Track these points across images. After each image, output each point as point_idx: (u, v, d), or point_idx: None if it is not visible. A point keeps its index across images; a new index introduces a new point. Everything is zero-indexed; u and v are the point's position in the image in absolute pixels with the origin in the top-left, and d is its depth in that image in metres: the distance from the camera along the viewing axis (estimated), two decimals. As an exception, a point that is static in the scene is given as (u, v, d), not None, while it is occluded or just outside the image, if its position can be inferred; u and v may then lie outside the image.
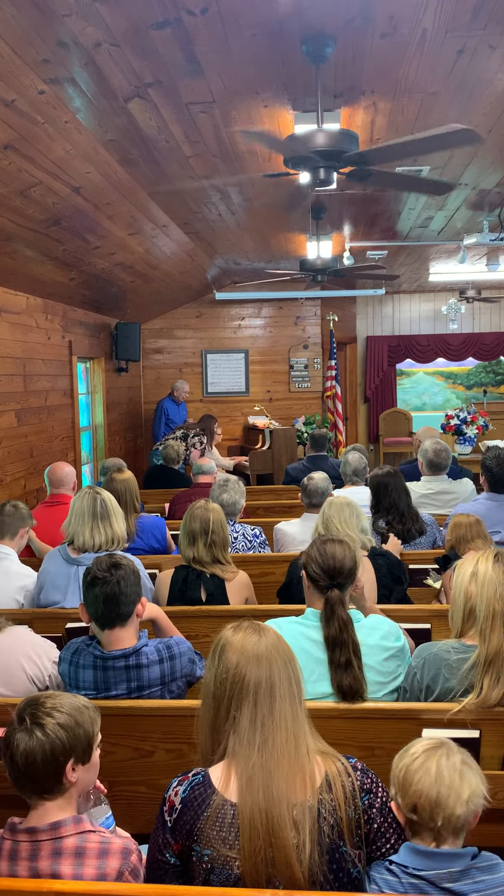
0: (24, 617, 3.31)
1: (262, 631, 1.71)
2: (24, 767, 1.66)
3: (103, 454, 8.52)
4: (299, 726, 1.63)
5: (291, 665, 1.68)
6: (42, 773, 1.67)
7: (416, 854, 1.57)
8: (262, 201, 5.91)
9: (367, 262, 8.74)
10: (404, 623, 3.07)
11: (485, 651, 2.25)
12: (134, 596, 2.46)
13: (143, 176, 4.94)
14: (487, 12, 3.02)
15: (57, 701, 1.75)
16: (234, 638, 1.69)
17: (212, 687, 1.67)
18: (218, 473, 5.44)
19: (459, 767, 1.59)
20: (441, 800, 1.56)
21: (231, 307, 10.58)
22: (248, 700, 1.61)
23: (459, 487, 4.99)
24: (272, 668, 1.64)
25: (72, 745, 1.70)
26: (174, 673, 2.50)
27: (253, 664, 1.63)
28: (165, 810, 1.61)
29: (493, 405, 12.19)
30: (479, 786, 1.59)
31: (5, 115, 3.44)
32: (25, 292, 6.14)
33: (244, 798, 1.54)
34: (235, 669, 1.63)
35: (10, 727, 1.72)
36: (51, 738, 1.67)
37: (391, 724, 2.32)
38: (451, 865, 1.54)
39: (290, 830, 1.51)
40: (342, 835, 1.56)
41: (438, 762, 1.59)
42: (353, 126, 4.30)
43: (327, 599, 2.40)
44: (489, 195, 6.03)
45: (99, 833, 1.68)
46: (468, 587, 2.32)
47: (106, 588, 2.40)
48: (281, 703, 1.62)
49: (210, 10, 2.90)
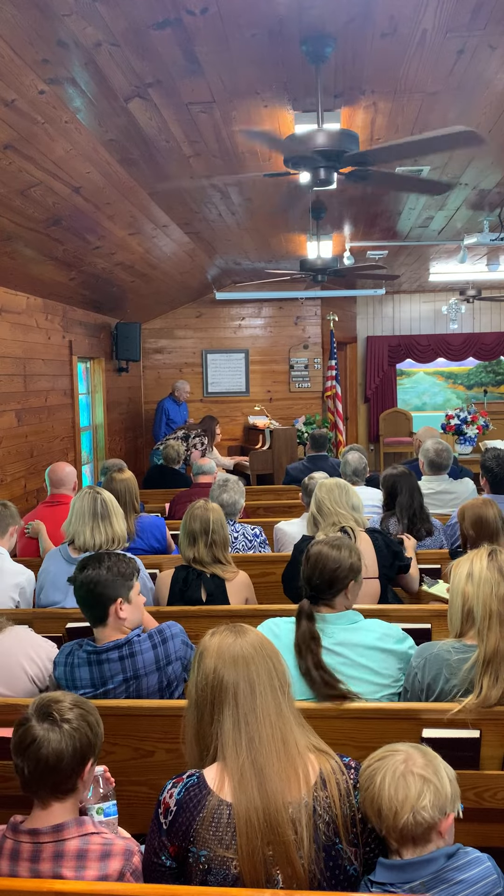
0: (25, 617, 3.31)
1: (239, 632, 1.71)
2: (55, 763, 1.64)
3: (103, 454, 8.52)
4: (285, 721, 1.63)
5: (273, 660, 1.68)
6: (70, 770, 1.66)
7: (386, 868, 1.54)
8: (263, 201, 5.91)
9: (367, 262, 8.74)
10: (404, 623, 3.07)
11: (483, 651, 2.25)
12: (102, 598, 2.45)
13: (143, 176, 4.94)
14: (487, 12, 3.02)
15: (72, 698, 1.75)
16: (210, 643, 1.70)
17: (194, 695, 1.67)
18: (218, 473, 5.44)
19: (404, 775, 1.54)
20: (383, 811, 1.53)
21: (231, 307, 10.58)
22: (229, 702, 1.61)
23: (460, 487, 4.99)
24: (250, 666, 1.64)
25: (94, 741, 1.71)
26: (168, 656, 2.52)
27: (230, 666, 1.64)
28: (160, 812, 1.61)
29: (493, 405, 12.18)
30: (426, 795, 1.52)
31: (5, 115, 3.44)
32: (25, 292, 6.14)
33: (238, 797, 1.54)
34: (213, 674, 1.64)
35: (25, 726, 1.69)
36: (81, 733, 1.67)
37: (391, 724, 2.31)
38: (420, 874, 1.51)
39: (287, 826, 1.51)
40: (338, 832, 1.56)
41: (384, 772, 1.55)
42: (353, 126, 4.30)
43: (300, 608, 2.45)
44: (489, 195, 6.03)
45: (101, 835, 1.68)
46: (465, 588, 2.32)
47: (77, 591, 2.49)
48: (262, 700, 1.62)
49: (210, 10, 2.90)
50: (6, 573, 3.54)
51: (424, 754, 1.60)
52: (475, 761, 2.27)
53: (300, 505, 4.55)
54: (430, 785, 1.53)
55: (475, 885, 1.49)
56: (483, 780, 2.23)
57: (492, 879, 1.51)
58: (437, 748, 1.70)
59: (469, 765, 2.26)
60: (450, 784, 1.57)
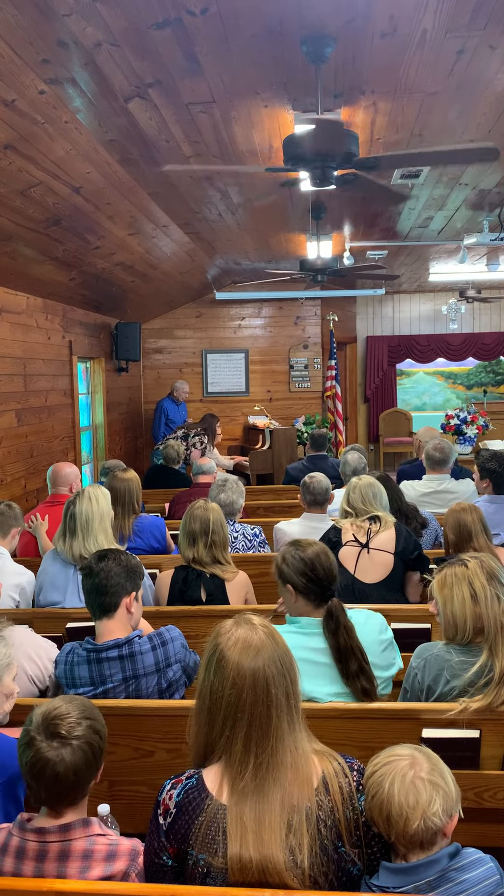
0: (24, 617, 3.31)
1: (256, 639, 1.61)
2: (73, 781, 1.63)
3: (103, 454, 8.52)
4: (297, 738, 1.59)
5: (290, 674, 1.62)
6: (86, 782, 1.67)
7: (390, 872, 1.53)
8: (263, 202, 5.90)
9: (367, 262, 8.74)
10: (404, 623, 3.07)
11: (499, 665, 2.26)
12: (118, 588, 2.49)
13: (143, 176, 4.93)
14: (487, 12, 3.02)
15: (74, 707, 1.71)
16: (231, 653, 1.60)
17: (207, 701, 1.60)
18: (217, 473, 5.44)
19: (414, 781, 1.53)
20: (392, 817, 1.51)
21: (231, 307, 10.58)
22: (243, 722, 1.55)
23: (460, 487, 4.99)
24: (270, 689, 1.56)
25: (103, 747, 1.71)
26: (168, 658, 2.52)
27: (249, 686, 1.56)
28: (160, 813, 1.59)
29: (493, 405, 12.19)
30: (436, 801, 1.51)
31: (5, 115, 3.44)
32: (25, 292, 6.13)
33: (233, 845, 1.49)
34: (231, 689, 1.56)
35: (34, 749, 1.65)
36: (91, 746, 1.67)
37: (391, 724, 2.32)
38: (426, 875, 1.50)
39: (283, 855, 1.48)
40: (340, 836, 1.55)
41: (391, 778, 1.54)
42: (353, 126, 4.30)
43: (329, 611, 2.39)
44: (489, 195, 6.03)
45: (107, 836, 1.67)
46: (474, 610, 2.32)
47: (92, 578, 2.50)
48: (277, 721, 1.57)
49: (210, 10, 2.90)
50: (7, 573, 3.54)
51: (429, 758, 1.59)
52: (475, 761, 2.27)
53: (300, 505, 4.55)
54: (440, 790, 1.53)
55: (478, 885, 1.49)
56: (483, 780, 2.23)
57: (495, 880, 1.51)
58: (437, 748, 1.70)
59: (469, 765, 2.26)
60: (453, 786, 1.57)
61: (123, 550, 2.64)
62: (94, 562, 2.54)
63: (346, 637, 2.35)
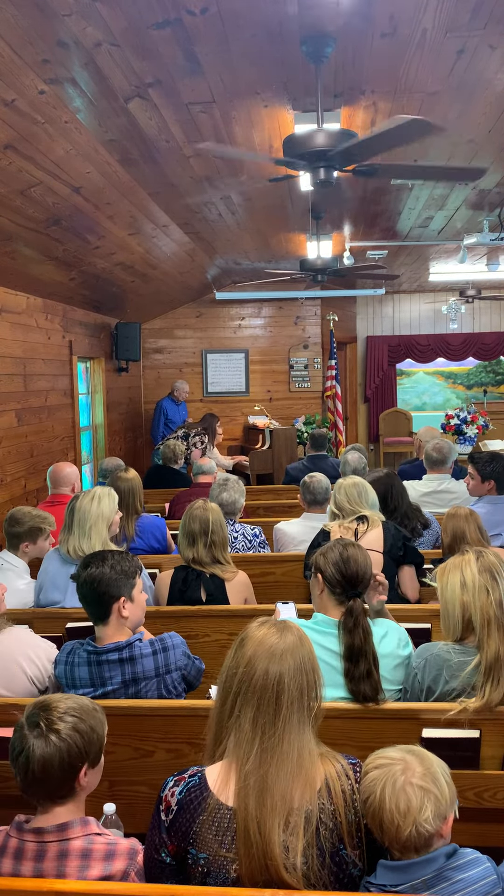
0: (24, 617, 3.31)
1: (284, 631, 1.65)
2: (41, 774, 1.62)
3: (103, 454, 8.52)
4: (305, 738, 1.58)
5: (309, 676, 1.62)
6: (59, 779, 1.64)
7: (388, 870, 1.53)
8: (262, 202, 5.90)
9: (367, 262, 8.74)
10: (404, 623, 3.07)
11: (485, 658, 2.26)
12: (104, 596, 2.44)
13: (143, 176, 4.93)
14: (487, 12, 3.02)
15: (69, 704, 1.71)
16: (256, 632, 1.65)
17: (224, 678, 1.64)
18: (217, 473, 5.44)
19: (404, 787, 1.51)
20: (385, 824, 1.51)
21: (231, 307, 10.58)
22: (252, 701, 1.57)
23: (460, 488, 4.99)
24: (282, 671, 1.58)
25: (87, 749, 1.68)
26: (168, 665, 2.50)
27: (263, 662, 1.59)
28: (162, 809, 1.60)
29: (493, 405, 12.19)
30: (427, 808, 1.50)
31: (5, 115, 3.44)
32: (25, 292, 6.13)
33: (240, 805, 1.52)
34: (247, 666, 1.60)
35: (19, 733, 1.67)
36: (68, 744, 1.64)
37: (391, 724, 2.32)
38: (422, 873, 1.50)
39: (279, 847, 1.48)
40: (342, 839, 1.54)
41: (383, 784, 1.53)
42: (353, 126, 4.30)
43: (350, 609, 2.38)
44: (489, 195, 6.03)
45: (105, 835, 1.67)
46: (462, 598, 2.32)
47: (80, 589, 2.49)
48: (287, 713, 1.57)
49: (210, 10, 2.90)
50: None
51: (422, 761, 1.57)
52: (475, 761, 2.27)
53: (300, 505, 4.55)
54: (431, 795, 1.51)
55: (475, 884, 1.49)
56: (483, 780, 2.23)
57: (491, 880, 1.51)
58: (437, 748, 1.69)
59: (469, 765, 2.26)
60: (448, 787, 1.55)
61: (113, 551, 2.58)
62: (80, 570, 2.49)
63: (361, 638, 2.33)
